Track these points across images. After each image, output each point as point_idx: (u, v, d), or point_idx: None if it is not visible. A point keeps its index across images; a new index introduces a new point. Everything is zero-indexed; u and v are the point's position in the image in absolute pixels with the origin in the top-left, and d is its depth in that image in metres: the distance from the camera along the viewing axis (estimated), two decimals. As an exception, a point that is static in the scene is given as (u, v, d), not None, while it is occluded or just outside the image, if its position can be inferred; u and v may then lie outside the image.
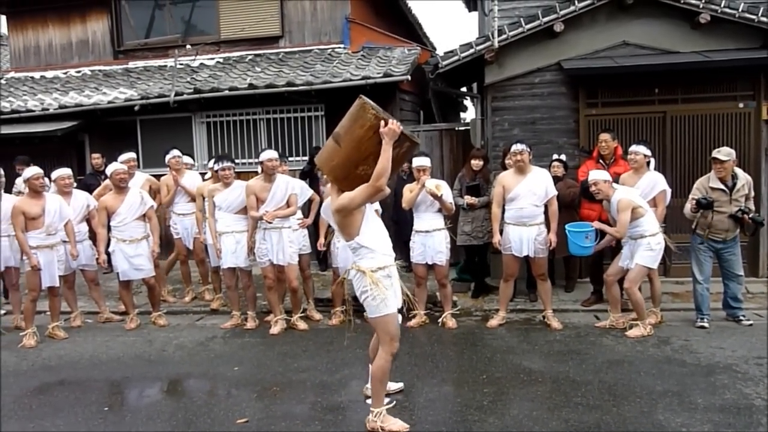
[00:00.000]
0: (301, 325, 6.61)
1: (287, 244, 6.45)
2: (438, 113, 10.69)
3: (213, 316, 7.32)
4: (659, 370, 5.09)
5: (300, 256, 6.80)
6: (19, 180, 7.88)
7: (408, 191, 6.44)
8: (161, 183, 7.95)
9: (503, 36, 7.81)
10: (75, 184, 7.27)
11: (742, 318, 6.32)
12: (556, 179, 6.65)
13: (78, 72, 11.59)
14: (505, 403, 4.58)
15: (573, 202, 7.09)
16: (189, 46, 10.95)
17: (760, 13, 7.34)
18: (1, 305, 7.56)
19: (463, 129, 9.52)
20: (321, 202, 6.81)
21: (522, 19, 7.89)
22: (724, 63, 7.46)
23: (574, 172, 7.46)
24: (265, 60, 10.64)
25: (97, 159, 9.13)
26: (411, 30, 13.85)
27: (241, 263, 6.66)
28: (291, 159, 8.82)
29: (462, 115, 15.02)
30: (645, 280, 6.27)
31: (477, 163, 7.34)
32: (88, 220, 7.18)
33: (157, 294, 7.12)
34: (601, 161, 7.00)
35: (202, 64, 10.88)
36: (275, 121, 9.93)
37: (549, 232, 6.34)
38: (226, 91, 9.49)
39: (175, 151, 7.91)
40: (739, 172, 6.28)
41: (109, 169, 6.85)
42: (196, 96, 9.63)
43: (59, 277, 6.65)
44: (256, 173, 6.78)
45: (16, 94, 10.92)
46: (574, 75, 7.88)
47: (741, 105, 7.79)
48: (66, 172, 7.01)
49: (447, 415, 4.44)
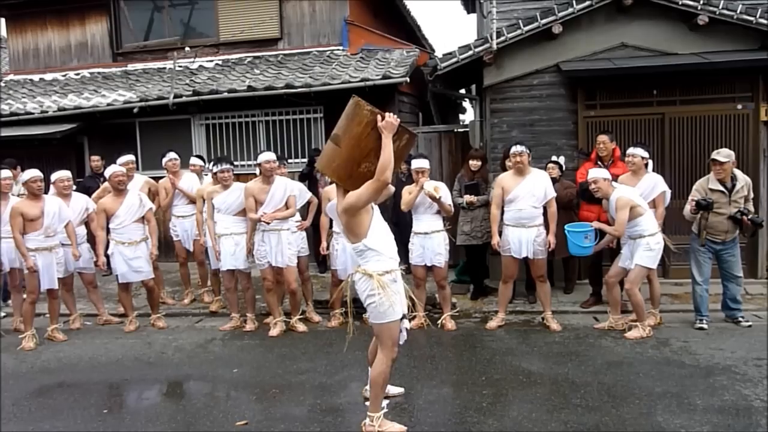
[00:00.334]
0: (300, 327, 6.62)
1: (286, 246, 6.45)
2: (437, 115, 10.69)
3: (212, 318, 7.32)
4: (658, 372, 5.09)
5: (299, 258, 6.80)
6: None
7: (407, 193, 6.45)
8: (159, 186, 7.94)
9: (502, 38, 7.82)
10: (74, 186, 7.26)
11: (741, 319, 6.33)
12: (552, 181, 6.65)
13: (77, 74, 11.63)
14: (504, 405, 4.58)
15: (570, 203, 7.10)
16: (188, 49, 10.98)
17: (758, 15, 7.35)
18: (1, 308, 7.55)
19: (462, 131, 9.53)
20: (319, 204, 6.83)
21: (520, 21, 7.91)
22: (722, 64, 7.46)
23: (572, 174, 7.47)
24: (264, 62, 10.66)
25: (96, 161, 9.15)
26: (410, 32, 13.87)
27: (240, 265, 6.66)
28: (290, 161, 8.82)
29: (461, 116, 15.04)
30: (644, 281, 6.28)
31: (475, 163, 7.36)
32: (86, 222, 7.17)
33: (156, 296, 7.12)
34: (599, 163, 6.99)
35: (200, 66, 10.90)
36: (274, 123, 9.95)
37: (548, 233, 6.35)
38: (225, 94, 9.51)
39: (171, 154, 7.90)
40: (738, 173, 6.29)
41: (108, 171, 6.86)
42: (195, 98, 9.64)
43: (58, 279, 6.64)
44: (255, 175, 6.78)
45: (15, 97, 10.93)
46: (573, 77, 7.89)
47: (739, 106, 7.79)
48: (65, 174, 7.00)
49: (446, 416, 4.45)
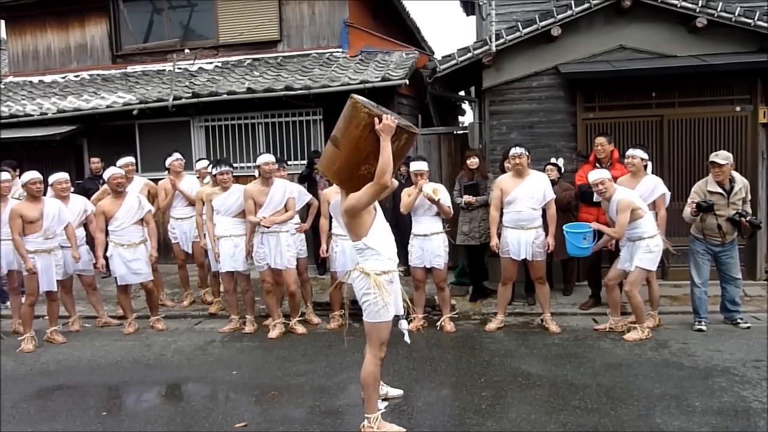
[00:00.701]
0: (300, 329, 6.62)
1: (285, 248, 6.46)
2: (436, 117, 10.72)
3: (211, 320, 7.32)
4: (657, 374, 5.10)
5: (298, 260, 6.79)
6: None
7: (406, 195, 6.46)
8: (159, 187, 7.94)
9: (501, 40, 7.84)
10: (72, 188, 7.26)
11: (739, 321, 6.33)
12: (551, 183, 6.65)
13: (76, 76, 11.63)
14: (503, 407, 4.58)
15: (569, 205, 7.10)
16: (187, 51, 10.98)
17: (756, 17, 7.37)
18: (0, 309, 7.55)
19: (461, 133, 9.54)
20: (319, 206, 6.84)
21: (519, 23, 7.93)
22: (720, 67, 7.48)
23: (571, 176, 7.48)
24: (264, 64, 10.67)
25: (96, 163, 9.15)
26: (409, 34, 13.89)
27: (239, 267, 6.66)
28: (289, 163, 8.83)
29: (460, 118, 15.05)
30: (643, 283, 6.29)
31: (473, 161, 7.39)
32: (85, 224, 7.17)
33: (155, 298, 7.12)
34: (597, 165, 6.99)
35: (200, 68, 10.91)
36: (273, 125, 9.95)
37: (547, 235, 6.35)
38: (225, 96, 9.52)
39: (177, 154, 7.92)
40: (736, 175, 6.30)
41: (107, 173, 6.86)
42: (195, 100, 9.65)
43: (57, 281, 6.63)
44: (255, 177, 6.79)
45: (14, 99, 10.94)
46: (572, 79, 7.91)
47: (738, 109, 7.81)
48: (63, 176, 6.99)
49: (445, 418, 4.45)
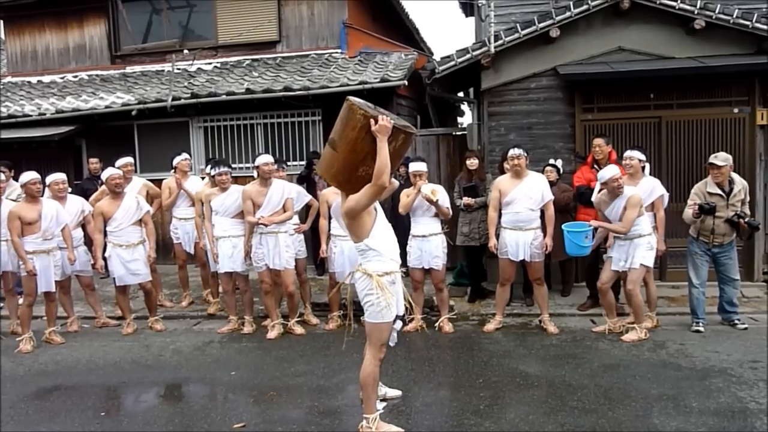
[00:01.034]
0: (298, 329, 6.62)
1: (284, 249, 6.46)
2: (435, 118, 10.73)
3: (210, 321, 7.32)
4: (655, 374, 5.11)
5: (296, 260, 6.80)
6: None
7: (405, 196, 6.47)
8: (163, 186, 7.92)
9: (499, 41, 7.85)
10: (70, 189, 7.25)
11: (737, 322, 6.35)
12: (549, 184, 6.67)
13: (75, 77, 11.62)
14: (501, 407, 4.59)
15: (567, 207, 7.11)
16: (186, 51, 10.99)
17: (754, 19, 7.39)
18: (-1, 310, 7.56)
19: (459, 134, 9.56)
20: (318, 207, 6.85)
21: (518, 24, 7.94)
22: (718, 68, 7.50)
23: (570, 177, 7.49)
24: (263, 65, 10.68)
25: (94, 164, 9.14)
26: (408, 35, 13.90)
27: (238, 268, 6.67)
28: (288, 164, 8.83)
29: (459, 119, 15.07)
30: (641, 284, 6.30)
31: (472, 162, 7.40)
32: (83, 225, 7.17)
33: (153, 299, 7.12)
34: (595, 166, 7.01)
35: (199, 68, 10.91)
36: (272, 125, 9.96)
37: (545, 236, 6.36)
38: (224, 96, 9.52)
39: (184, 154, 7.95)
40: (735, 177, 6.31)
41: (104, 174, 6.86)
42: (194, 101, 9.65)
43: (55, 282, 6.62)
44: (253, 178, 6.80)
45: (13, 99, 10.93)
46: (570, 80, 7.92)
47: (736, 110, 7.82)
48: (60, 177, 6.97)
49: (443, 419, 4.46)
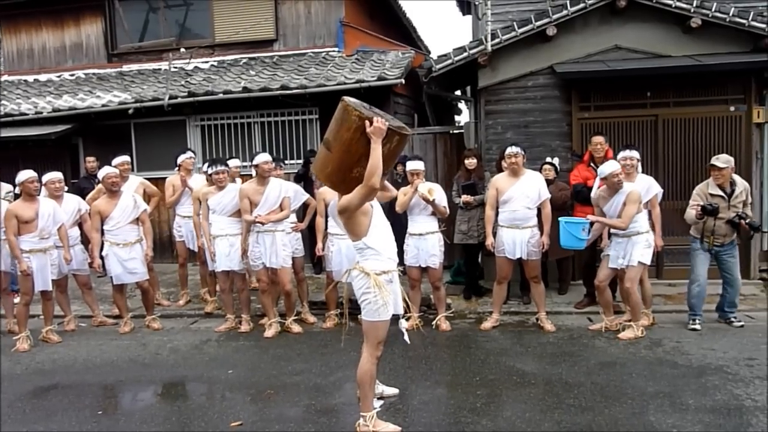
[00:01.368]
0: (295, 328, 6.63)
1: (280, 247, 6.46)
2: (432, 116, 10.72)
3: (207, 320, 7.32)
4: (651, 372, 5.13)
5: (294, 259, 6.81)
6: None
7: (402, 194, 6.46)
8: (167, 183, 7.91)
9: (496, 40, 7.86)
10: (66, 188, 7.24)
11: (733, 320, 6.36)
12: (546, 182, 6.67)
13: (72, 75, 11.60)
14: (498, 405, 4.60)
15: (564, 205, 7.12)
16: (183, 50, 10.98)
17: (750, 18, 7.40)
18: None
19: (457, 132, 9.56)
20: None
21: (515, 23, 7.95)
22: (715, 67, 7.52)
23: (566, 175, 7.50)
24: (260, 63, 10.66)
25: (91, 162, 9.13)
26: (405, 33, 13.89)
27: (235, 266, 6.67)
28: (286, 162, 8.83)
29: (457, 118, 15.08)
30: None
31: (470, 161, 7.41)
32: (80, 224, 7.17)
33: (150, 297, 7.12)
34: (592, 164, 7.02)
35: (196, 67, 10.89)
36: (269, 124, 9.95)
37: (542, 234, 6.37)
38: (221, 95, 9.51)
39: (189, 152, 7.95)
40: (737, 178, 6.30)
41: (101, 173, 6.86)
42: (191, 99, 9.64)
43: (52, 281, 6.62)
44: (251, 176, 6.80)
45: (9, 98, 10.90)
46: (567, 78, 7.93)
47: (732, 108, 7.85)
48: (56, 176, 6.96)
49: (440, 417, 4.47)
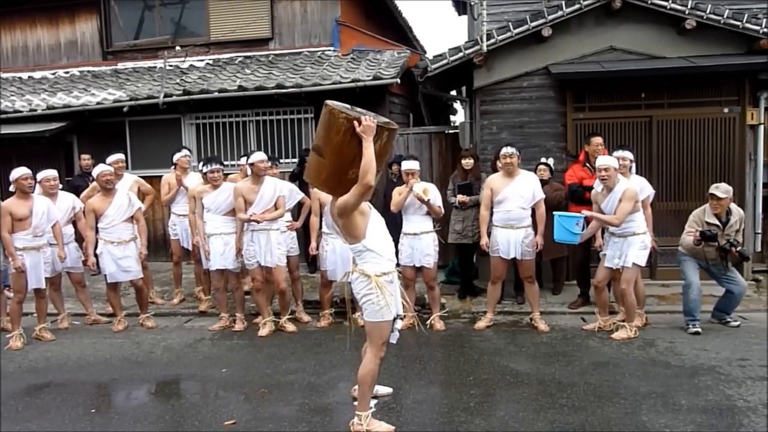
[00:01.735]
0: (290, 327, 6.62)
1: (275, 246, 6.46)
2: (428, 116, 10.73)
3: (201, 318, 7.31)
4: (644, 372, 5.15)
5: (288, 258, 6.81)
6: None
7: (397, 194, 6.48)
8: (163, 181, 7.91)
9: (492, 40, 7.87)
10: (61, 185, 7.23)
11: (729, 320, 6.37)
12: (541, 182, 6.69)
13: (66, 73, 11.56)
14: (491, 405, 4.61)
15: (559, 205, 7.11)
16: (178, 48, 10.95)
17: (744, 20, 7.44)
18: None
19: (452, 132, 9.56)
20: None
21: (510, 23, 7.97)
22: (709, 68, 7.55)
23: (561, 176, 7.52)
24: (255, 62, 10.65)
25: (86, 160, 9.08)
26: (401, 33, 13.90)
27: (229, 265, 6.66)
28: (281, 161, 8.82)
29: (452, 118, 15.07)
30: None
31: (467, 162, 7.41)
32: (74, 222, 7.14)
33: (145, 296, 7.10)
34: (587, 165, 7.04)
35: (191, 65, 10.88)
36: (265, 123, 9.94)
37: (536, 234, 6.38)
38: (216, 93, 9.49)
39: (185, 150, 7.93)
40: (733, 207, 6.29)
41: (96, 170, 6.83)
42: (186, 98, 9.61)
43: (45, 279, 6.60)
44: (246, 175, 6.78)
45: (3, 95, 10.85)
46: (562, 79, 7.95)
47: (726, 110, 7.88)
48: (51, 173, 6.95)
49: (434, 416, 4.47)
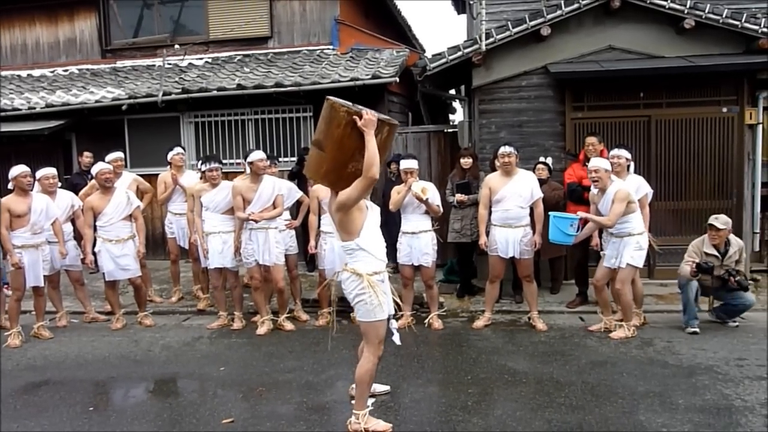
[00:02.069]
0: (288, 325, 6.63)
1: (273, 245, 6.46)
2: (426, 115, 10.73)
3: (200, 317, 7.31)
4: (641, 371, 5.15)
5: (287, 256, 6.81)
6: None
7: (395, 193, 6.48)
8: (159, 180, 7.90)
9: (491, 39, 7.87)
10: (60, 183, 7.22)
11: (727, 320, 6.37)
12: (540, 182, 6.70)
13: (65, 71, 11.55)
14: (489, 404, 4.62)
15: (558, 205, 7.13)
16: (177, 46, 10.94)
17: (743, 19, 7.44)
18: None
19: (451, 131, 9.57)
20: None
21: (509, 22, 7.97)
22: (708, 68, 7.55)
23: (560, 175, 7.53)
24: (254, 60, 10.65)
25: (88, 158, 9.05)
26: (400, 32, 13.89)
27: (227, 263, 6.66)
28: (280, 160, 8.81)
29: (451, 117, 15.06)
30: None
31: (466, 161, 7.41)
32: (72, 220, 7.14)
33: (143, 294, 7.11)
34: (587, 164, 7.03)
35: (190, 63, 10.87)
36: (263, 121, 9.94)
37: (534, 233, 6.39)
38: (215, 92, 9.48)
39: (178, 149, 7.91)
40: (732, 238, 6.28)
41: (95, 168, 6.83)
42: (185, 96, 9.61)
43: (44, 277, 6.60)
44: (244, 173, 6.78)
45: (2, 93, 10.83)
46: (561, 78, 7.95)
47: (724, 110, 7.89)
48: (50, 171, 6.94)
49: (431, 415, 4.48)
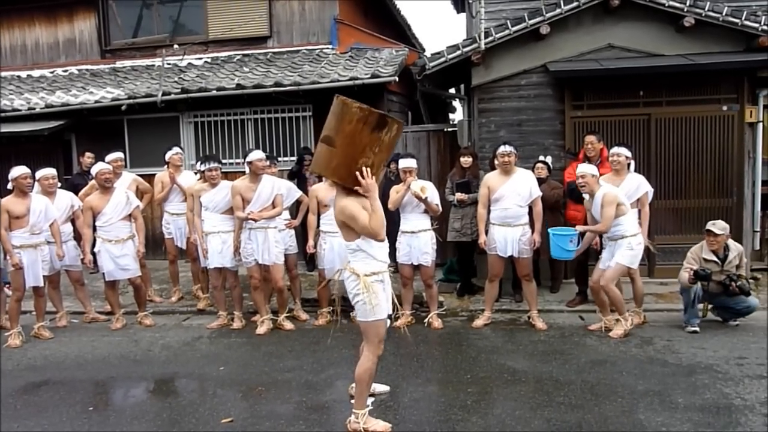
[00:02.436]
0: (288, 325, 6.63)
1: (273, 244, 6.46)
2: (426, 114, 10.72)
3: (199, 316, 7.31)
4: (641, 370, 5.15)
5: (287, 256, 6.81)
6: None
7: (394, 192, 6.48)
8: (156, 180, 7.89)
9: (490, 38, 7.87)
10: (59, 184, 7.22)
11: (729, 319, 6.36)
12: (539, 181, 6.70)
13: (65, 71, 11.55)
14: (488, 403, 4.62)
15: (557, 204, 7.14)
16: (177, 46, 10.93)
17: (743, 17, 7.43)
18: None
19: (450, 130, 9.56)
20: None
21: (509, 21, 7.96)
22: (707, 66, 7.54)
23: (560, 174, 7.52)
24: (253, 60, 10.64)
25: (89, 158, 9.03)
26: (400, 31, 13.88)
27: (227, 263, 6.66)
28: (279, 159, 8.81)
29: (451, 116, 15.06)
30: (627, 281, 6.34)
31: (466, 160, 7.40)
32: (72, 220, 7.15)
33: (143, 294, 7.11)
34: (587, 163, 7.03)
35: (189, 63, 10.87)
36: (263, 121, 9.94)
37: (533, 232, 6.39)
38: (214, 91, 9.48)
39: (176, 149, 7.90)
40: (731, 243, 6.26)
41: (94, 169, 6.84)
42: (184, 96, 9.61)
43: (44, 277, 6.61)
44: (244, 173, 6.78)
45: (2, 93, 10.84)
46: (560, 77, 7.95)
47: (724, 108, 7.88)
48: (50, 172, 6.93)
49: (431, 414, 4.48)
